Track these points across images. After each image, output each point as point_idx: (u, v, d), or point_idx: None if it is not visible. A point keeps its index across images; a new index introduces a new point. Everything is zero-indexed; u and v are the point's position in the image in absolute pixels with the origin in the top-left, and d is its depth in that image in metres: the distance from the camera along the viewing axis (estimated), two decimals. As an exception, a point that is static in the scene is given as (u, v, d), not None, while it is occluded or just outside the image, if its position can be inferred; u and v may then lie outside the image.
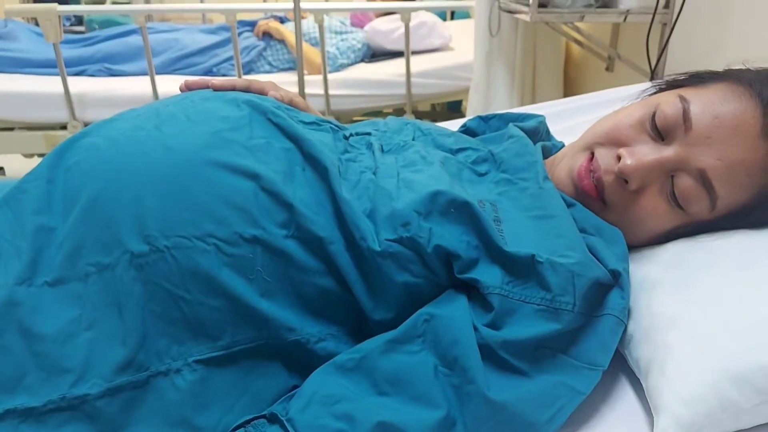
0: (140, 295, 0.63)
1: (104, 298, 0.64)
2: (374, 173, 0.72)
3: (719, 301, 0.60)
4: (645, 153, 0.69)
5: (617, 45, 2.13)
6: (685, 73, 0.77)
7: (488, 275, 0.62)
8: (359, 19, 2.84)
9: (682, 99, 0.69)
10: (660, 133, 0.70)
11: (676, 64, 1.67)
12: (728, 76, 0.71)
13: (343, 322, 0.67)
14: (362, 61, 2.71)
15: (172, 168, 0.67)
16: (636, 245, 0.74)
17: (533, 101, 2.31)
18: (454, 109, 3.27)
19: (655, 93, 0.78)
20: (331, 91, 2.44)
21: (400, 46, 2.52)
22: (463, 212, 0.64)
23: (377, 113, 2.84)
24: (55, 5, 2.12)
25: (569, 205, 0.71)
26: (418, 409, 0.58)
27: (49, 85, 2.28)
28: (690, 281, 0.63)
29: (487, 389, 0.57)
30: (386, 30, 2.67)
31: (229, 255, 0.64)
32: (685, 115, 0.68)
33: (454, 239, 0.63)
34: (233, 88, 0.82)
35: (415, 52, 2.49)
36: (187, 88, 0.84)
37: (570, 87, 2.43)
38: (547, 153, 0.84)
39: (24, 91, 2.31)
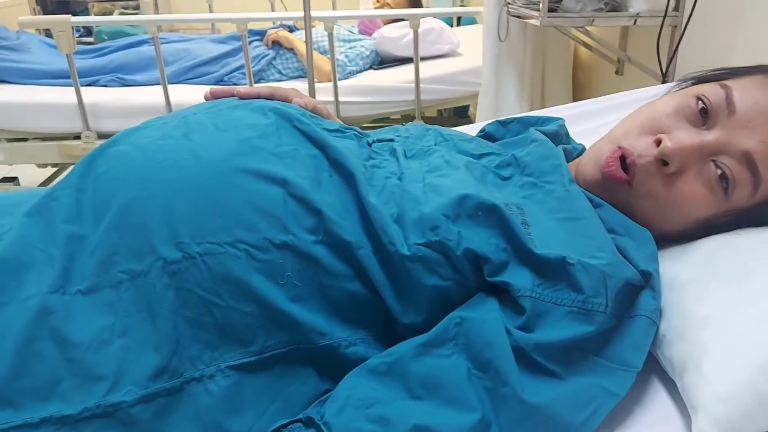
0: (173, 301, 0.64)
1: (137, 305, 0.65)
2: (399, 178, 0.72)
3: (752, 299, 0.60)
4: (686, 136, 0.70)
5: (627, 48, 2.13)
6: (717, 69, 0.78)
7: (519, 278, 0.62)
8: (367, 26, 2.85)
9: (724, 86, 0.70)
10: (702, 118, 0.71)
11: (687, 67, 1.67)
12: (761, 69, 0.73)
13: (372, 326, 0.68)
14: (371, 68, 2.72)
15: (202, 175, 0.68)
16: (668, 233, 0.73)
17: (542, 105, 2.31)
18: (460, 114, 3.28)
19: (683, 89, 0.79)
20: (341, 98, 2.46)
21: (408, 52, 2.54)
22: (491, 215, 0.65)
23: (386, 119, 2.86)
24: (68, 16, 2.15)
25: (596, 206, 0.71)
26: (452, 413, 0.58)
27: (63, 95, 2.30)
28: (722, 279, 0.63)
29: (522, 391, 0.57)
30: (394, 37, 2.68)
31: (260, 260, 0.64)
32: (728, 99, 0.69)
33: (483, 242, 0.64)
34: (258, 96, 0.83)
35: (423, 58, 2.50)
36: (212, 96, 0.85)
37: (579, 91, 2.44)
38: (568, 156, 0.85)
39: (38, 102, 2.33)
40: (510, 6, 2.06)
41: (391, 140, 0.82)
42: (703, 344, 0.59)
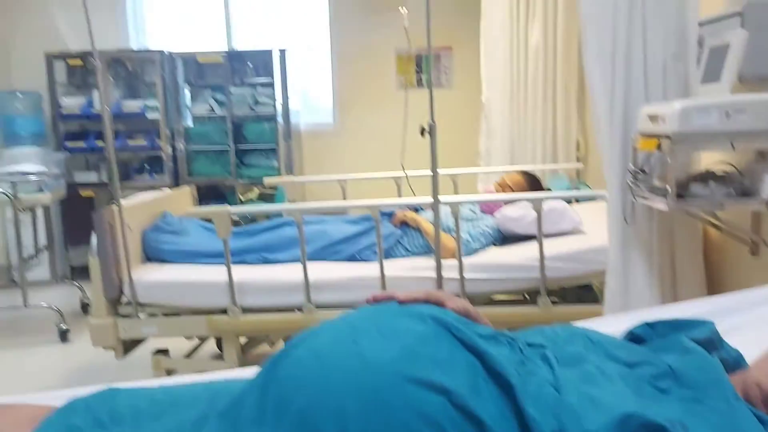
0: None
1: None
2: (556, 388, 0.75)
3: None
4: None
5: (760, 230, 2.10)
6: None
7: None
8: (489, 206, 2.99)
9: None
10: None
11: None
12: None
13: None
14: (493, 244, 2.82)
15: (369, 380, 0.74)
16: None
17: (673, 286, 2.27)
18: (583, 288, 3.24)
19: None
20: (465, 275, 2.54)
21: (530, 230, 2.62)
22: None
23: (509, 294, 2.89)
24: (227, 208, 2.47)
25: (764, 423, 0.71)
26: None
27: (215, 274, 2.55)
28: None
29: None
30: (517, 217, 2.79)
31: None
32: None
33: None
34: (415, 301, 0.92)
35: (545, 236, 2.57)
36: (374, 301, 0.95)
37: (713, 272, 2.38)
38: (726, 366, 0.84)
39: (193, 280, 2.59)
40: (635, 192, 2.12)
41: (543, 346, 0.86)
42: None
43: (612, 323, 1.03)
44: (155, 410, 0.90)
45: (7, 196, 3.64)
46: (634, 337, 0.99)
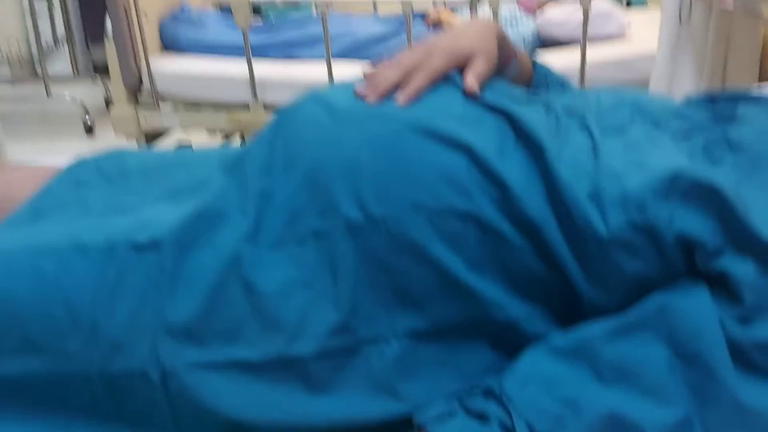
0: (353, 262, 0.65)
1: (320, 263, 0.66)
2: (594, 153, 0.68)
3: None
4: None
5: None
6: None
7: (740, 267, 0.56)
8: (529, 5, 2.75)
9: None
10: None
11: None
12: None
13: (553, 304, 0.65)
14: (531, 50, 2.63)
15: (386, 132, 0.67)
16: None
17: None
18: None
19: None
20: (499, 81, 2.40)
21: (573, 36, 2.42)
22: (708, 195, 0.58)
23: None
24: (247, -7, 2.28)
25: None
26: (651, 405, 0.54)
27: (235, 67, 2.44)
28: None
29: (739, 392, 0.52)
30: (560, 21, 2.57)
31: (441, 228, 0.63)
32: None
33: (698, 225, 0.58)
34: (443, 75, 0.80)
35: (589, 41, 2.38)
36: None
37: (766, 78, 2.20)
38: None
39: (212, 73, 2.49)
40: (696, -14, 1.90)
41: (583, 115, 0.77)
42: None
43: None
44: (165, 168, 0.86)
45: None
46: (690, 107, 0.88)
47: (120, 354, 0.66)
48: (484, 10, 2.56)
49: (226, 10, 2.75)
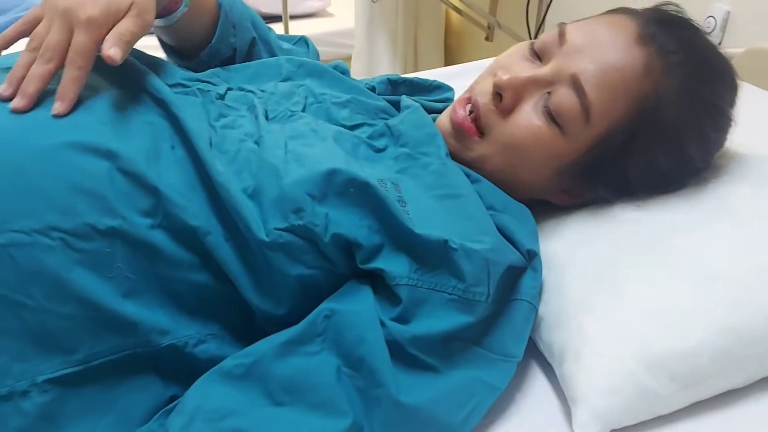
0: None
1: None
2: (257, 143, 0.62)
3: (629, 283, 0.58)
4: (521, 70, 0.67)
5: (497, 13, 2.13)
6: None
7: (394, 264, 0.56)
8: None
9: (560, 24, 0.68)
10: (538, 55, 0.68)
11: (555, 34, 1.68)
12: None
13: (225, 320, 0.59)
14: None
15: (14, 153, 0.54)
16: (532, 188, 0.69)
17: (416, 69, 2.28)
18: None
19: None
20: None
21: (274, 9, 2.39)
22: (363, 193, 0.57)
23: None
24: None
25: (473, 181, 0.66)
26: (320, 419, 0.51)
27: None
28: (598, 262, 0.60)
29: (398, 392, 0.51)
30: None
31: (81, 251, 0.53)
32: (561, 33, 0.66)
33: (354, 225, 0.56)
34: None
35: (292, 17, 2.37)
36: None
37: (451, 56, 2.42)
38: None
39: None
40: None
41: (252, 92, 0.71)
42: (582, 332, 0.56)
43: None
44: None
45: None
46: (372, 90, 0.88)
47: None
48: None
49: None
